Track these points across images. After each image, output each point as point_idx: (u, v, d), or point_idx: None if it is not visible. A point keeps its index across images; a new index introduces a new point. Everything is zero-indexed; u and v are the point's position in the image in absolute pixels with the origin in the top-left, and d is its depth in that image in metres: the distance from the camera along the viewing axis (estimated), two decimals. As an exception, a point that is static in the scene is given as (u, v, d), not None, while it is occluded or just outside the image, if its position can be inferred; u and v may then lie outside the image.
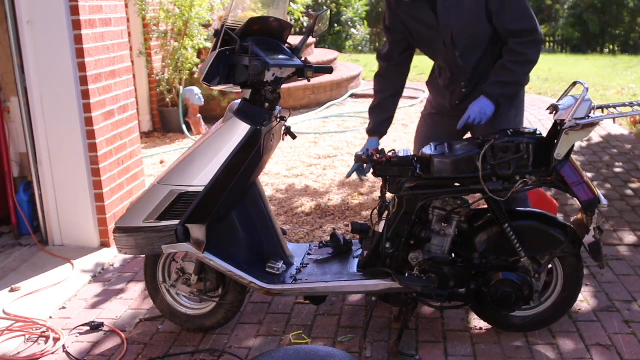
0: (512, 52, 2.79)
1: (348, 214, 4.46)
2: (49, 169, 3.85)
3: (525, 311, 2.80)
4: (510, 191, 2.58)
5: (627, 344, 2.76)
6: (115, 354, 2.82)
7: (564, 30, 19.19)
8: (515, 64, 2.80)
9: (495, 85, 2.83)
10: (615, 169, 5.35)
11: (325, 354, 1.85)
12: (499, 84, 2.83)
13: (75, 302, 3.33)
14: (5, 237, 4.11)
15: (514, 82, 2.86)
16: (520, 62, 2.81)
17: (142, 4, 6.55)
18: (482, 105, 2.84)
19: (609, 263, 3.54)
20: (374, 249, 2.73)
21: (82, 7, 3.69)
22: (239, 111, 2.66)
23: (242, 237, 2.81)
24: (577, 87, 2.64)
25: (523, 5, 2.76)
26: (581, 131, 2.54)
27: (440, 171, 2.62)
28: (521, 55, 2.80)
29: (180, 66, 6.90)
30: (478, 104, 2.85)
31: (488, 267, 2.71)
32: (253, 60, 2.55)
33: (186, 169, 2.66)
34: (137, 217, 2.71)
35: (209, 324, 2.93)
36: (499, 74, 2.84)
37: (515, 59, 2.79)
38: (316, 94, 8.52)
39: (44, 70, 3.71)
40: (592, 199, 2.54)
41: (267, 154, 2.78)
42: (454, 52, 2.86)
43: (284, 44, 2.83)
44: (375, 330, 2.92)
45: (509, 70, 2.81)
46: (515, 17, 2.73)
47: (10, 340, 2.94)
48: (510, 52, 2.80)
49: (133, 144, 4.34)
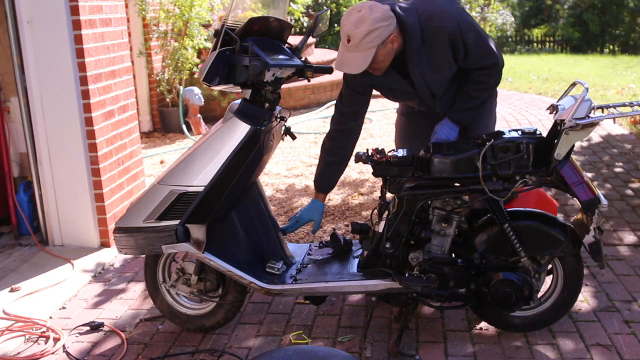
0: (475, 82, 2.81)
1: (348, 214, 4.46)
2: (49, 169, 3.85)
3: (525, 311, 2.80)
4: (510, 191, 2.59)
5: (627, 344, 2.76)
6: (115, 354, 2.83)
7: (564, 30, 19.19)
8: (478, 91, 2.83)
9: (460, 112, 2.85)
10: (615, 169, 5.35)
11: (325, 354, 1.85)
12: (464, 110, 2.85)
13: (75, 302, 3.33)
14: (5, 237, 4.11)
15: (477, 106, 2.88)
16: (483, 89, 2.84)
17: (142, 4, 6.55)
18: (447, 133, 2.85)
19: (609, 263, 3.54)
20: (374, 249, 2.73)
21: (82, 7, 3.69)
22: (239, 111, 2.66)
23: (242, 237, 2.81)
24: (577, 87, 2.64)
25: (483, 44, 2.74)
26: (581, 131, 2.55)
27: (440, 171, 2.62)
28: (484, 84, 2.82)
29: (180, 66, 6.90)
30: (443, 132, 2.85)
31: (488, 267, 2.71)
32: (253, 60, 2.55)
33: (186, 169, 2.66)
34: (137, 217, 2.71)
35: (209, 324, 2.93)
36: (464, 100, 2.84)
37: (478, 87, 2.82)
38: (316, 94, 8.52)
39: (44, 70, 3.71)
40: (592, 199, 2.54)
41: (267, 154, 2.78)
42: (434, 101, 2.87)
43: (284, 44, 2.83)
44: (375, 330, 2.92)
45: (473, 97, 2.83)
46: (478, 57, 2.74)
47: (10, 340, 2.94)
48: (474, 82, 2.81)
49: (133, 144, 4.34)
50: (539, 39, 19.96)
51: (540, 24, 20.48)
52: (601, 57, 15.62)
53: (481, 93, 2.83)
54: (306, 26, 12.39)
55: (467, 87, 2.82)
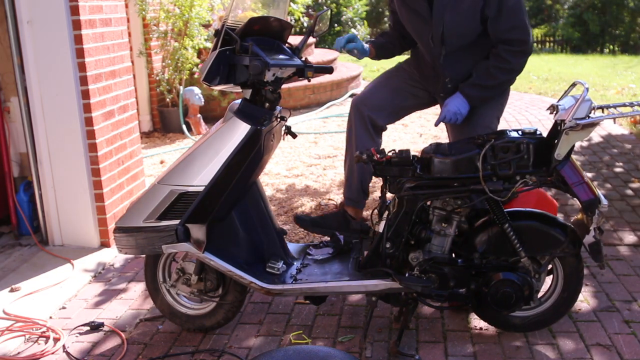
0: (498, 57, 2.76)
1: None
2: (49, 169, 3.85)
3: (525, 311, 2.80)
4: (510, 191, 2.59)
5: (627, 344, 2.76)
6: (115, 354, 2.82)
7: (564, 30, 19.20)
8: (498, 70, 2.78)
9: (474, 87, 2.81)
10: (616, 169, 5.35)
11: (325, 354, 1.85)
12: (479, 87, 2.81)
13: (75, 302, 3.33)
14: (5, 237, 4.11)
15: (493, 87, 2.83)
16: (504, 69, 2.78)
17: (142, 4, 6.55)
18: (459, 106, 2.81)
19: (609, 263, 3.54)
20: (374, 249, 2.73)
21: (82, 7, 3.69)
22: (240, 111, 2.66)
23: (242, 237, 2.81)
24: (577, 87, 2.64)
25: (520, 17, 2.71)
26: (581, 131, 2.55)
27: (440, 171, 2.62)
28: (507, 62, 2.77)
29: (180, 66, 6.90)
30: (454, 104, 2.82)
31: (488, 267, 2.71)
32: (253, 60, 2.55)
33: (186, 168, 2.66)
34: (137, 217, 2.71)
35: (209, 324, 2.93)
36: (481, 76, 2.81)
37: (499, 65, 2.77)
38: (316, 94, 8.52)
39: (44, 70, 3.71)
40: (592, 199, 2.54)
41: (267, 154, 2.78)
42: (440, 49, 2.84)
43: (284, 44, 2.83)
44: (375, 330, 2.92)
45: (491, 75, 2.79)
46: (510, 26, 2.70)
47: (10, 340, 2.94)
48: (496, 56, 2.77)
49: (133, 144, 4.34)
50: (539, 39, 19.96)
51: (540, 24, 20.49)
52: (601, 57, 15.61)
53: (500, 73, 2.78)
54: (306, 26, 12.40)
55: (487, 62, 2.79)
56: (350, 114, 3.13)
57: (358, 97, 3.16)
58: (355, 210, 3.17)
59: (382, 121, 3.14)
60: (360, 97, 3.15)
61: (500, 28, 2.69)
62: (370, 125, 3.08)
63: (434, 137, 6.54)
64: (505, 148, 2.58)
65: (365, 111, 3.09)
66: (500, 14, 2.65)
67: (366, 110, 3.09)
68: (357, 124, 3.07)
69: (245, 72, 2.59)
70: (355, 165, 3.05)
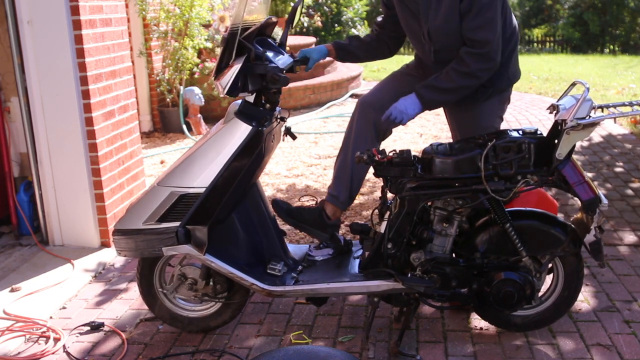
0: (458, 59, 2.68)
1: (348, 214, 4.45)
2: (49, 169, 3.85)
3: (526, 310, 2.80)
4: (512, 191, 2.58)
5: (627, 344, 2.76)
6: (115, 354, 2.82)
7: (564, 30, 19.19)
8: (455, 73, 2.68)
9: (428, 89, 2.73)
10: (616, 169, 5.35)
11: (326, 354, 1.85)
12: (433, 88, 2.72)
13: (75, 302, 3.33)
14: (6, 237, 4.11)
15: (448, 90, 2.72)
16: (461, 73, 2.68)
17: (143, 4, 6.55)
18: (407, 105, 2.73)
19: (609, 263, 3.54)
20: (376, 249, 2.73)
21: (82, 7, 3.69)
22: (240, 112, 2.65)
23: (243, 239, 2.80)
24: (578, 87, 2.64)
25: (487, 16, 2.61)
26: (582, 131, 2.55)
27: (442, 171, 2.62)
28: (465, 65, 2.66)
29: (180, 66, 6.90)
30: (403, 103, 2.74)
31: (490, 266, 2.71)
32: (270, 70, 2.55)
33: (187, 170, 2.65)
34: (136, 219, 2.69)
35: (214, 324, 2.91)
36: (438, 77, 2.72)
37: (457, 67, 2.67)
38: (316, 94, 8.52)
39: (44, 70, 3.71)
40: (593, 199, 2.55)
41: (267, 155, 2.78)
42: (430, 46, 2.81)
43: (269, 39, 2.84)
44: (376, 330, 2.92)
45: (449, 77, 2.69)
46: (475, 25, 2.61)
47: (10, 340, 2.94)
48: (457, 58, 2.68)
49: (133, 144, 4.34)
50: (540, 39, 19.96)
51: (541, 24, 20.48)
52: (601, 57, 15.61)
53: (457, 76, 2.69)
54: (306, 26, 12.41)
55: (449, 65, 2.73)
56: (354, 113, 3.06)
57: (366, 100, 3.05)
58: (335, 209, 3.04)
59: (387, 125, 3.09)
60: (368, 100, 3.04)
61: (466, 26, 2.62)
62: (374, 129, 3.00)
63: (434, 137, 6.54)
64: (506, 148, 2.58)
65: (372, 116, 2.97)
66: (470, 11, 2.59)
67: (373, 114, 2.95)
68: (359, 125, 3.02)
69: (258, 80, 2.58)
70: (350, 164, 2.99)
